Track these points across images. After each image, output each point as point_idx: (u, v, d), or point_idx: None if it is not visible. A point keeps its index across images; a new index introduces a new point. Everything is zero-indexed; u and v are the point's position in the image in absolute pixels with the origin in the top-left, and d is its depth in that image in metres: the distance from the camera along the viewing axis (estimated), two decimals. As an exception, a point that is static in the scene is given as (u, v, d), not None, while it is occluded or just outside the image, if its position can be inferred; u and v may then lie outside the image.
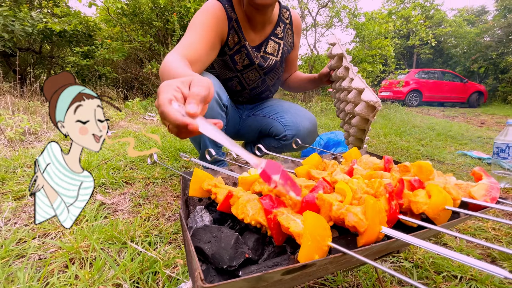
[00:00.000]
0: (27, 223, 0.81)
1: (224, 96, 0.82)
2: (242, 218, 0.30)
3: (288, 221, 0.27)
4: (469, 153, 1.76)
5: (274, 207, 0.30)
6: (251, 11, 0.83)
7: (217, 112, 0.80)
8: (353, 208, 0.28)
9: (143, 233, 0.75)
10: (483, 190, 0.36)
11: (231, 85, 0.98)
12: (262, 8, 0.80)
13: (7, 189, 1.05)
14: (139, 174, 1.28)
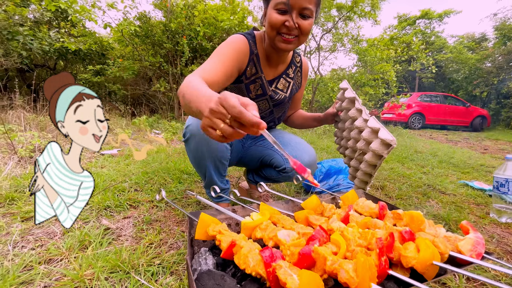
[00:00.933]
0: (34, 247, 0.84)
1: None
2: (243, 268, 0.33)
3: (286, 276, 0.30)
4: (470, 184, 1.77)
5: (274, 260, 0.33)
6: (271, 51, 0.94)
7: (222, 145, 0.85)
8: (345, 264, 0.31)
9: (145, 262, 0.76)
10: (470, 245, 0.38)
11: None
12: (281, 51, 0.90)
13: (16, 209, 1.09)
14: (143, 197, 1.30)
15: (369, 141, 0.88)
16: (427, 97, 9.42)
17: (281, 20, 0.81)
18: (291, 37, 0.84)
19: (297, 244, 0.36)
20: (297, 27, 0.82)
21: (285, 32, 0.83)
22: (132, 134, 3.49)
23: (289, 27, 0.81)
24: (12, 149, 1.82)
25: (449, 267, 0.35)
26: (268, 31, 0.86)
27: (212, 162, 0.89)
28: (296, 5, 0.79)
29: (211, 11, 5.17)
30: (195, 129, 0.82)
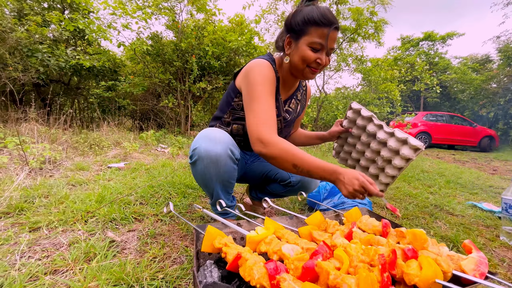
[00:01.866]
0: (40, 258, 0.85)
1: (236, 151, 0.90)
2: (248, 280, 0.34)
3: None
4: (479, 205, 1.73)
5: (278, 273, 0.34)
6: (288, 77, 1.01)
7: (231, 166, 0.87)
8: (348, 278, 0.32)
9: (149, 276, 0.76)
10: (473, 264, 0.38)
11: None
12: (306, 80, 0.99)
13: (25, 219, 1.11)
14: (148, 210, 1.32)
15: (396, 149, 1.02)
16: (433, 117, 9.38)
17: (314, 57, 0.89)
18: (317, 69, 0.93)
19: (301, 259, 0.37)
20: (325, 63, 0.92)
21: (314, 66, 0.92)
22: (139, 148, 3.55)
23: (320, 63, 0.90)
24: (24, 160, 1.88)
25: (452, 285, 0.35)
26: (299, 64, 0.92)
27: (220, 182, 0.90)
28: (329, 46, 0.89)
29: (220, 32, 5.40)
30: (203, 152, 0.83)
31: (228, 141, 0.87)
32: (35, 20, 4.88)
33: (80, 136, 3.58)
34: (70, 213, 1.18)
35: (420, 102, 14.30)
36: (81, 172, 2.00)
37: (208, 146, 0.83)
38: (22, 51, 4.77)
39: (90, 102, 6.00)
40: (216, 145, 0.83)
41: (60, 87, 6.21)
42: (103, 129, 4.45)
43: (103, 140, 3.55)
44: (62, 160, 2.30)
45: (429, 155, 6.26)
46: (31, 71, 4.75)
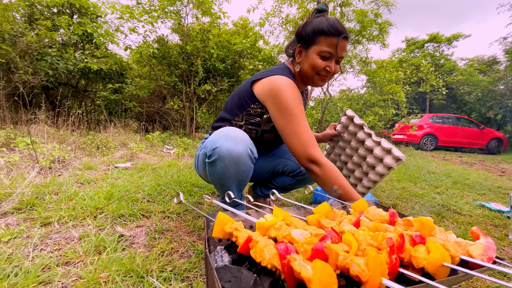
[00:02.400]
0: (52, 250, 0.87)
1: (255, 151, 0.92)
2: (259, 261, 0.35)
3: (300, 267, 0.31)
4: (487, 205, 1.71)
5: (288, 253, 0.34)
6: (299, 83, 1.07)
7: (249, 165, 0.88)
8: (357, 259, 0.32)
9: (158, 268, 0.78)
10: (481, 250, 0.39)
11: (267, 136, 1.10)
12: (316, 86, 1.05)
13: (36, 215, 1.13)
14: (155, 208, 1.33)
15: (380, 157, 1.14)
16: (439, 119, 9.28)
17: (324, 65, 0.93)
18: (327, 77, 0.98)
19: (310, 242, 0.38)
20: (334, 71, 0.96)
21: (324, 74, 0.96)
22: (145, 149, 3.60)
23: (329, 71, 0.95)
24: (35, 159, 1.92)
25: (460, 268, 0.35)
26: (309, 71, 0.97)
27: (237, 181, 0.91)
28: (339, 55, 0.93)
29: (224, 35, 5.46)
30: (224, 151, 0.82)
31: (248, 140, 0.88)
32: (45, 25, 5.00)
33: (87, 137, 3.63)
34: (79, 209, 1.21)
35: (426, 104, 14.15)
36: (89, 171, 2.04)
37: (229, 145, 0.82)
38: (32, 54, 4.88)
39: (97, 104, 6.10)
40: (237, 144, 0.83)
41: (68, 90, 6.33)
42: (109, 130, 4.51)
43: (110, 141, 3.60)
44: (71, 160, 2.35)
45: (435, 157, 6.19)
46: (41, 74, 4.86)
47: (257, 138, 1.10)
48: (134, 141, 3.91)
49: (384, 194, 1.89)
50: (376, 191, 1.96)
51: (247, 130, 1.08)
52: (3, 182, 1.34)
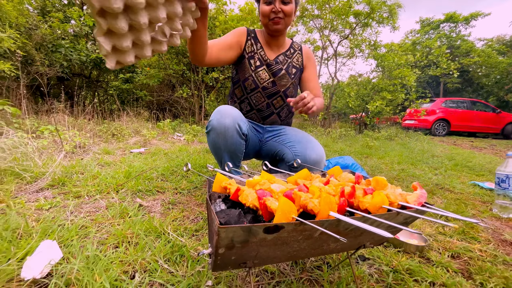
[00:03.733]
0: (85, 216, 1.04)
1: (244, 126, 1.04)
2: (244, 203, 0.48)
3: (271, 203, 0.44)
4: (481, 184, 1.78)
5: (264, 196, 0.47)
6: (269, 38, 1.21)
7: (237, 140, 1.02)
8: (313, 199, 0.45)
9: (172, 228, 0.94)
10: (415, 197, 0.50)
11: (248, 84, 1.21)
12: (274, 34, 1.16)
13: (67, 190, 1.32)
14: (168, 185, 1.50)
15: None
16: (453, 103, 8.97)
17: (268, 8, 1.09)
18: (279, 19, 1.10)
19: (283, 191, 0.50)
20: (281, 10, 1.08)
21: (273, 17, 1.10)
22: (157, 135, 3.79)
23: (275, 11, 1.08)
24: (59, 144, 2.12)
25: (394, 208, 0.47)
26: (262, 20, 1.14)
27: (227, 153, 1.05)
28: None
29: (231, 22, 5.47)
30: (215, 123, 1.00)
31: (237, 116, 1.01)
32: (58, 17, 5.16)
33: (102, 126, 3.85)
34: (103, 185, 1.38)
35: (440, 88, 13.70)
36: (107, 156, 2.23)
37: (219, 118, 1.00)
38: (47, 47, 5.08)
39: (110, 94, 6.32)
40: (225, 118, 0.99)
41: (82, 80, 6.57)
42: (123, 119, 4.73)
43: (124, 128, 3.80)
44: (90, 146, 2.55)
45: (445, 142, 6.12)
46: (56, 65, 5.06)
47: (246, 91, 1.23)
48: (146, 128, 4.11)
49: (381, 174, 1.99)
50: (373, 171, 2.07)
51: (236, 93, 1.26)
52: (36, 162, 1.54)
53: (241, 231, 0.40)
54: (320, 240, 0.49)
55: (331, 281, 0.70)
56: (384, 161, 2.64)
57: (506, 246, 0.97)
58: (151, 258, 0.74)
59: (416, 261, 0.80)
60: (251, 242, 0.43)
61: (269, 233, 0.42)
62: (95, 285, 0.60)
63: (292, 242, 0.47)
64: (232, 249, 0.44)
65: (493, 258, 0.86)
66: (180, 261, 0.74)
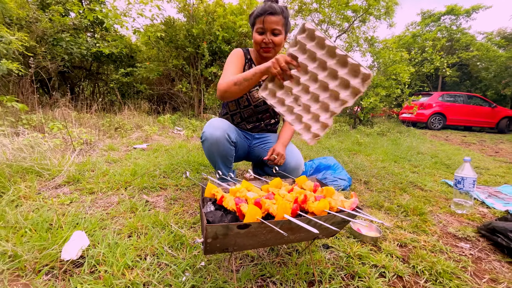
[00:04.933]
0: (101, 210, 1.25)
1: (233, 135, 1.23)
2: (226, 207, 0.68)
3: (243, 207, 0.64)
4: (450, 182, 1.99)
5: (240, 202, 0.67)
6: (259, 58, 1.36)
7: (227, 147, 1.21)
8: (273, 205, 0.64)
9: (174, 221, 1.14)
10: (350, 203, 0.70)
11: (241, 101, 1.39)
12: (264, 59, 1.32)
13: (82, 186, 1.52)
14: (170, 182, 1.70)
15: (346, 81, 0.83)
16: (450, 97, 9.08)
17: (260, 38, 1.24)
18: (269, 48, 1.26)
19: (255, 198, 0.70)
20: (271, 41, 1.24)
21: (264, 46, 1.26)
22: (158, 130, 3.97)
23: (266, 42, 1.24)
24: (69, 142, 2.31)
25: (331, 212, 0.66)
26: (254, 46, 1.30)
27: (220, 158, 1.24)
28: (268, 28, 1.22)
29: (230, 16, 5.53)
30: (208, 135, 1.19)
31: (226, 127, 1.20)
32: (58, 10, 5.21)
33: (105, 120, 4.02)
34: (113, 182, 1.58)
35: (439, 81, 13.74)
36: (113, 152, 2.43)
37: (211, 131, 1.19)
38: (47, 40, 5.16)
39: (111, 87, 6.44)
40: (216, 131, 1.18)
41: (82, 73, 6.67)
42: (124, 112, 4.89)
43: (126, 123, 3.98)
44: (96, 142, 2.74)
45: (438, 136, 6.31)
46: (58, 59, 5.16)
47: (240, 109, 1.40)
48: (147, 123, 4.28)
49: (362, 172, 2.20)
50: (356, 169, 2.27)
51: (231, 106, 1.42)
52: (53, 162, 1.73)
53: (222, 228, 0.60)
54: (279, 234, 0.69)
55: (297, 263, 0.91)
56: (370, 158, 2.84)
57: (449, 238, 1.19)
58: (158, 245, 0.94)
59: (367, 249, 1.01)
60: (230, 235, 0.63)
61: (241, 229, 0.62)
62: (118, 263, 0.81)
63: (259, 235, 0.67)
64: (217, 239, 0.64)
65: (432, 247, 1.07)
66: (180, 247, 0.95)
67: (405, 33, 13.56)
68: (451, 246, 1.11)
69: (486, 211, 1.52)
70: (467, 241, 1.17)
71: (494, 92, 12.76)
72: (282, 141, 1.31)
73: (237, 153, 1.37)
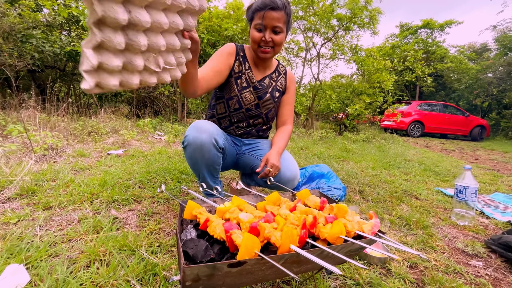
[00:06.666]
0: (56, 231, 1.02)
1: (220, 140, 1.06)
2: (213, 234, 0.51)
3: (236, 237, 0.47)
4: (444, 191, 1.93)
5: (231, 229, 0.50)
6: (256, 59, 1.21)
7: (214, 154, 1.03)
8: (275, 232, 0.48)
9: (147, 244, 0.94)
10: (370, 227, 0.55)
11: (232, 103, 1.22)
12: (262, 59, 1.17)
13: (37, 200, 1.27)
14: (145, 193, 1.48)
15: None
16: (427, 106, 9.51)
17: (259, 36, 1.08)
18: (268, 48, 1.11)
19: (250, 221, 0.53)
20: (271, 40, 1.08)
21: (263, 45, 1.10)
22: (137, 135, 3.69)
23: (265, 41, 1.08)
24: (30, 147, 2.02)
25: (349, 239, 0.52)
26: (251, 45, 1.14)
27: (205, 167, 1.07)
28: (268, 25, 1.06)
29: (215, 19, 5.39)
30: (191, 139, 1.01)
31: (213, 131, 1.03)
32: (28, 5, 4.83)
33: (78, 123, 3.69)
34: (77, 194, 1.35)
35: (416, 91, 14.37)
36: (82, 159, 2.16)
37: (195, 134, 1.01)
38: (16, 36, 4.75)
39: (87, 88, 6.02)
40: (202, 134, 1.00)
41: (55, 73, 6.21)
42: (100, 116, 4.55)
43: (101, 127, 3.67)
44: (64, 147, 2.45)
45: (419, 144, 6.47)
46: (26, 57, 4.75)
47: (230, 112, 1.24)
48: (125, 127, 3.98)
49: (355, 180, 2.09)
50: (349, 177, 2.16)
51: (218, 109, 1.25)
52: (3, 171, 1.46)
53: (206, 268, 0.43)
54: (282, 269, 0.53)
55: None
56: (360, 165, 2.76)
57: (458, 255, 1.08)
58: (123, 278, 0.74)
59: (377, 273, 0.87)
60: (217, 275, 0.46)
61: (233, 267, 0.45)
62: (64, 311, 0.60)
63: (256, 271, 0.50)
64: (199, 281, 0.46)
65: (446, 268, 0.95)
66: (153, 280, 0.75)
67: (385, 44, 14.13)
68: (464, 265, 0.99)
69: (487, 221, 1.45)
70: (479, 258, 1.07)
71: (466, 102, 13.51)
72: (277, 149, 1.14)
73: (224, 160, 1.20)
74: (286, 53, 7.55)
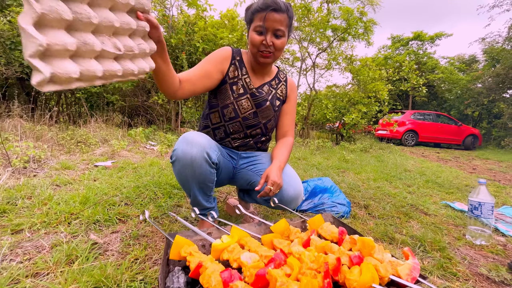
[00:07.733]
0: (22, 260, 0.87)
1: (214, 154, 0.93)
2: (206, 287, 0.38)
3: (239, 295, 0.35)
4: (452, 205, 1.83)
5: (232, 281, 0.38)
6: (255, 64, 1.11)
7: (206, 169, 0.91)
8: (292, 285, 0.36)
9: (129, 278, 0.80)
10: (407, 270, 0.44)
11: (227, 112, 1.10)
12: (261, 64, 1.08)
13: (7, 222, 1.12)
14: (132, 211, 1.34)
15: None
16: (420, 115, 9.64)
17: (259, 39, 0.99)
18: (268, 52, 1.01)
19: (256, 266, 0.41)
20: (272, 44, 1.00)
21: (263, 49, 1.01)
22: (128, 145, 3.53)
23: (265, 45, 0.99)
24: (6, 159, 1.85)
25: (385, 289, 0.40)
26: (251, 48, 1.04)
27: (196, 184, 0.94)
28: (270, 28, 0.97)
29: (210, 28, 5.36)
30: (180, 154, 0.88)
31: (205, 144, 0.91)
32: (18, 12, 4.72)
33: (66, 133, 3.52)
34: (53, 215, 1.20)
35: (409, 100, 14.61)
36: (66, 172, 2.00)
37: (185, 148, 0.89)
38: (4, 43, 4.61)
39: (77, 97, 5.87)
40: (192, 148, 0.88)
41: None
42: (90, 125, 4.38)
43: (90, 137, 3.51)
44: (47, 159, 2.28)
45: (414, 153, 6.45)
46: (15, 64, 4.61)
47: (224, 121, 1.12)
48: (116, 137, 3.83)
49: (359, 194, 1.98)
50: (351, 191, 2.05)
51: (212, 118, 1.14)
52: (-29, 187, 1.30)
53: None
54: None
55: None
56: (361, 177, 2.66)
57: (483, 282, 0.96)
58: (96, 328, 0.60)
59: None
60: None
61: None
62: None
63: (265, 337, 0.38)
64: None
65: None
66: (132, 330, 0.61)
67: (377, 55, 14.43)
68: (493, 296, 0.88)
69: (504, 240, 1.35)
70: (506, 285, 0.95)
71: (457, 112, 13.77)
72: (278, 164, 1.01)
73: (219, 176, 1.08)
74: (282, 63, 7.56)
